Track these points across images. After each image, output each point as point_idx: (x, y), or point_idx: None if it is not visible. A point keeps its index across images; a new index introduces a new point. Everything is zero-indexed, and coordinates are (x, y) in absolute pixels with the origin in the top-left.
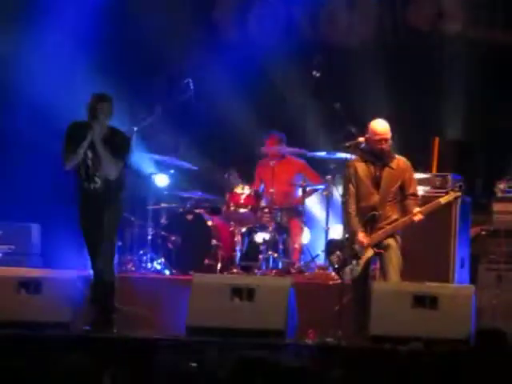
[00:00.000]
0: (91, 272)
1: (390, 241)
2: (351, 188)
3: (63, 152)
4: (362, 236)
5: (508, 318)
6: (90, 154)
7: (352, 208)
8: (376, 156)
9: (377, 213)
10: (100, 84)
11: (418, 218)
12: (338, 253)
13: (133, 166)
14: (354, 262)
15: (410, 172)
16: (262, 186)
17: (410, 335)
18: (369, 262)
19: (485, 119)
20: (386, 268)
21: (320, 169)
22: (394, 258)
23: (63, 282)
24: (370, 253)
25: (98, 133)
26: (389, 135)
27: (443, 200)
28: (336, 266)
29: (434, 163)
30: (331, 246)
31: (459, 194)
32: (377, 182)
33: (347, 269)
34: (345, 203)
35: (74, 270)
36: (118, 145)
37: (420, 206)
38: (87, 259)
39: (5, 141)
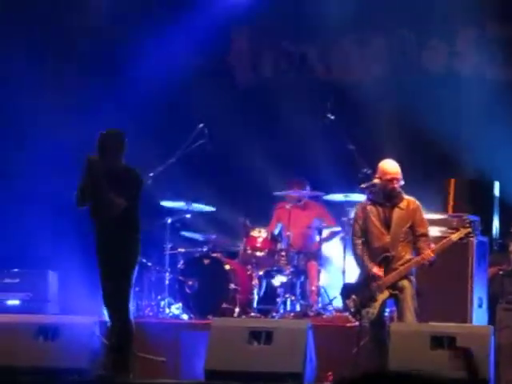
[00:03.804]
0: (108, 317)
1: (405, 283)
2: (359, 230)
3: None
4: (376, 269)
5: None
6: (98, 191)
7: (361, 249)
8: (386, 197)
9: (389, 254)
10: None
11: (428, 257)
12: (353, 296)
13: (149, 212)
14: (370, 304)
15: (419, 212)
16: (279, 228)
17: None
18: (384, 303)
19: (501, 158)
20: (402, 310)
21: (335, 211)
22: (409, 299)
23: (80, 328)
24: (385, 295)
25: (104, 169)
26: (399, 175)
27: (454, 237)
28: (352, 310)
29: (450, 204)
30: (346, 290)
31: (469, 230)
32: (387, 223)
33: (363, 312)
34: (354, 245)
35: (91, 316)
36: (124, 183)
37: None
38: (104, 305)
39: (23, 187)
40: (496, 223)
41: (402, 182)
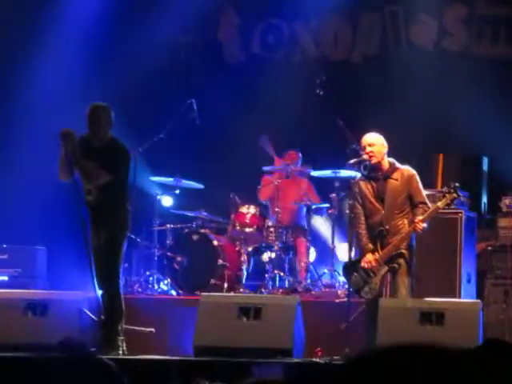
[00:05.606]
0: (97, 293)
1: (401, 261)
2: (358, 207)
3: None
4: (369, 256)
5: None
6: (76, 165)
7: (362, 227)
8: (373, 169)
9: (383, 228)
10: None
11: (418, 227)
12: (355, 273)
13: (137, 187)
14: (371, 280)
15: (415, 181)
16: (267, 202)
17: None
18: (384, 278)
19: (489, 134)
20: (397, 285)
21: (324, 187)
22: (405, 275)
23: (70, 304)
24: (384, 270)
25: (87, 142)
26: (371, 145)
27: (441, 204)
28: (356, 287)
29: (439, 179)
30: (348, 268)
31: (455, 195)
32: (381, 197)
33: (366, 288)
34: (353, 223)
35: (80, 292)
36: (110, 156)
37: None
38: (93, 280)
39: (10, 163)
40: (484, 199)
41: (384, 151)
